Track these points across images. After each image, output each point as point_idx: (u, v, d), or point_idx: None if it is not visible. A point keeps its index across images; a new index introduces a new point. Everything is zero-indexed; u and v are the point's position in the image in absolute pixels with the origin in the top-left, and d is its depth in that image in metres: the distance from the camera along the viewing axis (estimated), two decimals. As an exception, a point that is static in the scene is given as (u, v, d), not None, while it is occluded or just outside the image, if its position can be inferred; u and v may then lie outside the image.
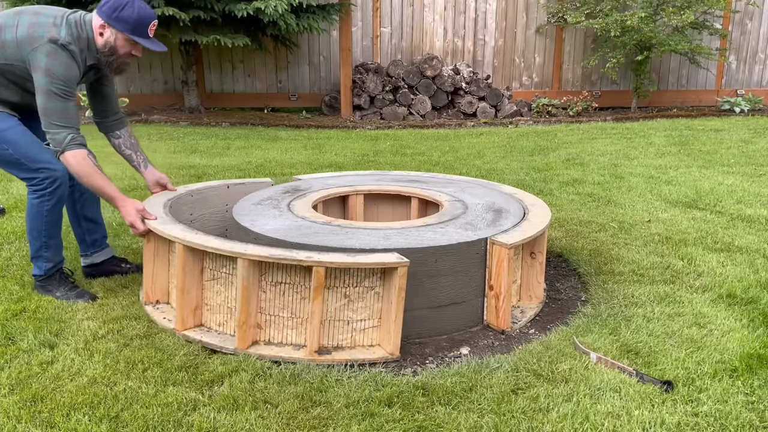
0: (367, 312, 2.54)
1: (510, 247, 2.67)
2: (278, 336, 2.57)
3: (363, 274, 2.49)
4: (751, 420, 2.10)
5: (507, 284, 2.70)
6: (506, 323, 2.76)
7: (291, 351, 2.50)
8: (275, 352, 2.49)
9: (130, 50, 2.84)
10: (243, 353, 2.48)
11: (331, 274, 2.47)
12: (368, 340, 2.56)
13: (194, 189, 3.47)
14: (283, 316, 2.54)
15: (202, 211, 3.48)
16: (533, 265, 3.00)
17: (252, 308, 2.52)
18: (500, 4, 9.47)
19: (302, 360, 2.44)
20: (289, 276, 2.49)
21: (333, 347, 2.54)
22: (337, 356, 2.47)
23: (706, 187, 5.06)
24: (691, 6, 8.60)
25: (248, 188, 3.65)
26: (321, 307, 2.45)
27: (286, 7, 7.54)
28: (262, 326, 2.57)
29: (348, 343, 2.55)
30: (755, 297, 3.00)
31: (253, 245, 2.56)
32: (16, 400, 2.19)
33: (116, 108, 3.24)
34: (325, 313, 2.50)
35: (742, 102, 9.28)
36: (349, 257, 2.44)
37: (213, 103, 9.32)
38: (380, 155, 6.49)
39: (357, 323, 2.54)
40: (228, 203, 3.60)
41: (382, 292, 2.50)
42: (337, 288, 2.49)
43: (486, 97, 8.98)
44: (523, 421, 2.09)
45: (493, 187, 3.63)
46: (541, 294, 3.04)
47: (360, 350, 2.52)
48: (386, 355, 2.50)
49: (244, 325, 2.51)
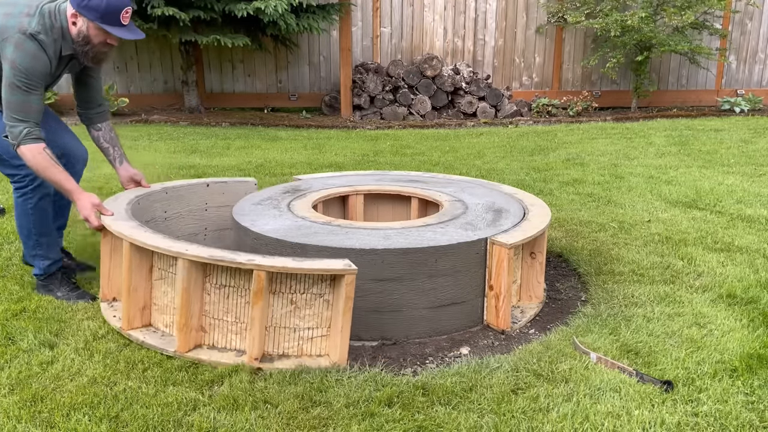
0: (315, 320, 2.46)
1: (510, 247, 2.66)
2: (222, 341, 2.52)
3: (311, 280, 2.41)
4: (751, 420, 2.10)
5: (507, 284, 2.70)
6: (506, 323, 2.76)
7: (233, 357, 2.45)
8: (215, 358, 2.44)
9: (104, 39, 2.78)
10: (182, 357, 2.45)
11: (276, 279, 2.40)
12: (316, 349, 2.48)
13: (169, 186, 3.45)
14: (228, 320, 2.49)
15: (177, 209, 3.46)
16: (533, 265, 2.99)
17: (194, 311, 2.47)
18: (500, 4, 9.47)
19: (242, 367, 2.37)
20: (233, 279, 2.43)
21: (279, 355, 2.47)
22: (279, 365, 2.40)
23: (706, 187, 5.06)
24: (691, 6, 8.60)
25: (229, 187, 3.63)
26: (262, 313, 2.38)
27: (286, 7, 7.53)
28: (207, 330, 2.52)
29: (295, 351, 2.48)
30: (755, 297, 3.00)
31: (196, 245, 2.50)
32: (16, 400, 2.19)
33: (101, 100, 3.22)
34: (270, 320, 2.44)
35: (742, 102, 9.28)
36: (294, 262, 2.36)
37: (213, 103, 9.32)
38: (380, 155, 6.48)
39: (304, 331, 2.46)
40: (207, 202, 3.59)
41: (332, 300, 2.43)
42: (283, 293, 2.42)
43: (486, 97, 8.98)
44: (523, 421, 2.09)
45: (493, 187, 3.63)
46: (541, 294, 3.04)
47: (306, 359, 2.45)
48: (330, 365, 2.42)
49: (184, 328, 2.46)
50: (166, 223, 3.38)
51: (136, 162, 5.93)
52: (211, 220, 3.60)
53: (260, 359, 2.42)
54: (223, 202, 3.62)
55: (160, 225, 3.33)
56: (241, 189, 3.65)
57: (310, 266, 2.34)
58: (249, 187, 3.67)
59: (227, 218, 3.55)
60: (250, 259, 2.35)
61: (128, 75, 9.12)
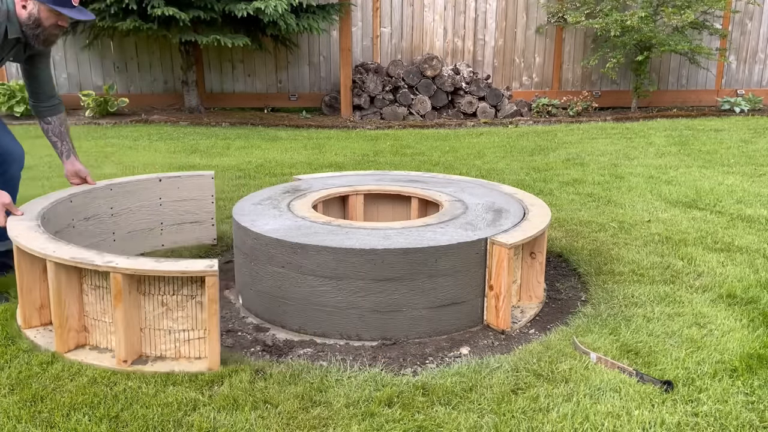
0: (189, 322, 2.44)
1: (510, 247, 2.66)
2: (104, 341, 2.52)
3: (180, 281, 2.39)
4: (751, 420, 2.10)
5: (507, 284, 2.70)
6: (506, 323, 2.76)
7: (110, 358, 2.44)
8: (91, 359, 2.44)
9: (55, 21, 2.82)
10: (61, 357, 2.45)
11: (145, 281, 2.39)
12: (195, 351, 2.46)
13: (115, 183, 3.47)
14: (106, 321, 2.49)
15: (127, 205, 3.49)
16: (533, 265, 2.99)
17: (70, 312, 2.47)
18: (500, 4, 9.47)
19: (113, 369, 2.37)
20: (105, 280, 2.42)
21: (155, 357, 2.46)
22: (150, 367, 2.39)
23: (706, 187, 5.06)
24: (691, 6, 8.60)
25: (183, 181, 3.64)
26: (125, 315, 2.36)
27: (286, 7, 7.53)
28: (89, 330, 2.53)
29: (172, 353, 2.46)
30: (755, 297, 3.00)
31: (66, 246, 2.50)
32: (16, 400, 2.19)
33: (51, 93, 3.23)
34: (143, 321, 2.44)
35: (742, 102, 9.28)
36: (153, 263, 2.34)
37: (213, 103, 9.31)
38: (380, 155, 6.48)
39: (179, 333, 2.45)
40: (162, 197, 3.62)
41: (206, 302, 2.38)
42: (153, 295, 2.41)
43: (486, 97, 8.98)
44: (523, 421, 2.09)
45: (493, 187, 3.63)
46: (541, 294, 3.04)
47: (183, 362, 2.43)
48: (204, 369, 2.39)
49: (60, 329, 2.46)
50: (113, 219, 3.42)
51: (136, 162, 5.95)
52: (167, 215, 3.65)
53: (133, 361, 2.42)
54: (180, 197, 3.66)
55: (106, 221, 3.38)
56: (197, 183, 3.68)
57: (168, 268, 2.31)
58: (205, 180, 3.68)
59: (185, 212, 3.65)
60: (107, 262, 2.34)
61: (128, 75, 9.12)
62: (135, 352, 2.44)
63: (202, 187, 3.75)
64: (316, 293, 2.67)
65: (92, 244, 3.27)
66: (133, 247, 3.55)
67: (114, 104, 8.52)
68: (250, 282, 2.89)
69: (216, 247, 3.79)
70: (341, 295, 2.65)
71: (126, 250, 3.47)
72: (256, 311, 2.91)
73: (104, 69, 9.04)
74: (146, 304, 2.42)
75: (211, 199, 3.78)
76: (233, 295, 3.15)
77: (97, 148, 6.56)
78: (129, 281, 2.34)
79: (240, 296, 3.04)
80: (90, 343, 2.55)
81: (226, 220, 4.19)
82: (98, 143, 6.81)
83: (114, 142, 6.91)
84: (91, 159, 6.05)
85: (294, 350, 2.61)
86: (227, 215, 4.28)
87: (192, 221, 3.74)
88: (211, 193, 3.78)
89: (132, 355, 2.42)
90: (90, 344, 2.55)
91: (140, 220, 3.55)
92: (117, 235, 3.49)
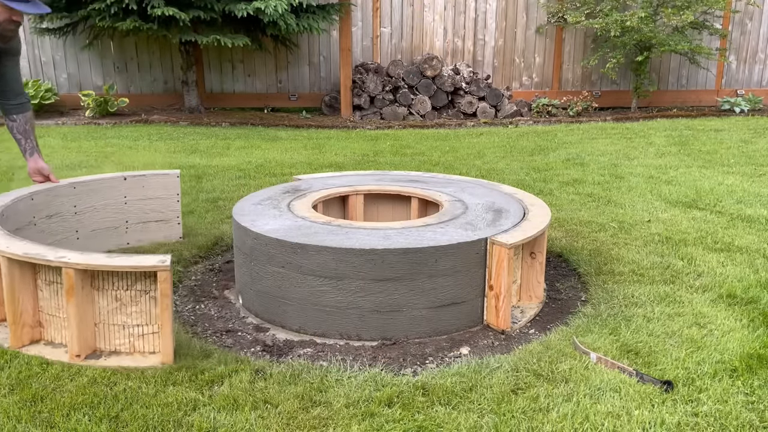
0: (144, 317, 2.45)
1: (510, 247, 2.66)
2: (58, 336, 2.53)
3: (134, 276, 2.39)
4: (751, 420, 2.10)
5: (507, 284, 2.70)
6: (506, 323, 2.76)
7: (63, 353, 2.45)
8: (46, 353, 2.45)
9: (9, 16, 2.81)
10: (15, 352, 2.46)
11: (99, 276, 2.40)
12: (150, 346, 2.47)
13: (79, 182, 3.49)
14: (60, 317, 2.50)
15: (90, 203, 3.52)
16: (533, 265, 2.99)
17: (24, 307, 2.48)
18: (500, 4, 9.47)
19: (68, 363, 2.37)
20: (59, 276, 2.42)
21: (110, 351, 2.47)
22: (103, 362, 2.40)
23: (706, 187, 5.06)
24: (690, 6, 8.60)
25: (149, 180, 3.66)
26: (77, 310, 2.37)
27: (286, 7, 7.53)
28: (44, 325, 2.54)
29: (127, 348, 2.48)
30: (755, 297, 3.00)
31: (20, 242, 2.50)
32: (16, 400, 2.19)
33: (18, 90, 3.24)
34: (97, 316, 2.45)
35: (742, 102, 9.28)
36: (105, 259, 2.34)
37: (213, 103, 9.31)
38: (380, 155, 6.48)
39: (134, 328, 2.46)
40: (127, 195, 3.65)
41: (158, 297, 2.40)
42: (107, 290, 2.42)
43: (486, 97, 8.98)
44: (523, 421, 2.09)
45: (493, 187, 3.63)
46: (541, 294, 3.04)
47: (137, 357, 2.45)
48: (157, 363, 2.40)
49: (14, 325, 2.47)
50: (77, 217, 3.45)
51: (136, 162, 5.95)
52: (132, 213, 3.69)
53: (87, 356, 2.43)
54: (146, 195, 3.70)
55: (69, 220, 3.40)
56: (162, 182, 3.71)
57: (121, 263, 2.33)
58: (170, 179, 3.70)
59: (150, 211, 3.69)
60: (59, 257, 2.35)
61: (128, 75, 9.12)
62: (89, 347, 2.46)
63: (168, 186, 3.78)
64: (316, 293, 2.67)
65: (55, 242, 3.30)
66: (97, 246, 3.58)
67: (114, 104, 8.52)
68: (250, 282, 2.89)
69: (216, 246, 3.79)
70: (341, 295, 2.65)
71: (90, 248, 3.49)
72: (256, 311, 2.91)
73: (104, 69, 9.04)
74: (100, 300, 2.43)
75: (177, 197, 3.82)
76: (233, 295, 3.15)
77: (97, 148, 6.56)
78: (82, 276, 2.36)
79: (240, 296, 3.04)
80: (45, 339, 2.56)
81: (226, 220, 4.19)
82: (98, 143, 6.80)
83: (114, 142, 6.91)
84: (90, 159, 6.05)
85: (294, 350, 2.61)
86: (227, 215, 4.28)
87: (158, 219, 3.78)
88: (176, 191, 3.81)
89: (86, 350, 2.44)
90: (45, 339, 2.56)
91: (105, 219, 3.60)
92: (81, 233, 3.51)
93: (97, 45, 8.79)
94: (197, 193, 4.87)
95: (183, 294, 3.18)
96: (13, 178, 5.25)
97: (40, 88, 8.34)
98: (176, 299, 3.12)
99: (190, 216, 4.29)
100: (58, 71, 8.94)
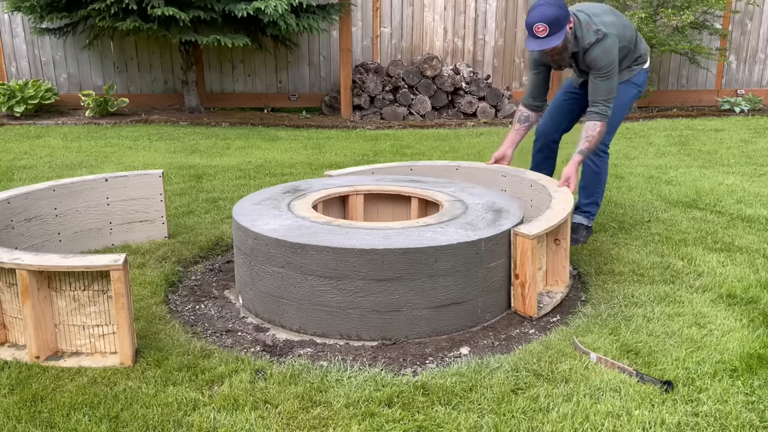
0: (103, 317, 2.45)
1: (533, 238, 2.76)
2: (22, 338, 2.53)
3: (90, 276, 2.39)
4: (751, 420, 2.10)
5: (532, 272, 2.80)
6: (533, 309, 2.85)
7: (26, 355, 2.45)
8: (8, 356, 2.45)
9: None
10: None
11: (56, 277, 2.39)
12: (110, 346, 2.47)
13: (59, 184, 3.49)
14: (22, 319, 2.49)
15: (72, 206, 3.53)
16: (558, 252, 3.11)
17: None
18: (500, 4, 9.47)
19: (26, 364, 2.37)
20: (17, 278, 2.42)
21: (71, 352, 2.48)
22: (63, 363, 2.40)
23: (706, 187, 5.06)
24: (690, 6, 8.60)
25: (131, 181, 3.66)
26: (33, 312, 2.37)
27: (286, 7, 7.53)
28: (8, 328, 2.54)
29: (88, 349, 2.48)
30: (755, 297, 3.00)
31: None
32: (16, 400, 2.19)
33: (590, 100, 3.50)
34: (57, 317, 2.45)
35: (742, 102, 9.28)
36: (59, 259, 2.34)
37: (213, 103, 9.31)
38: (380, 155, 6.49)
39: (94, 328, 2.46)
40: (109, 196, 3.65)
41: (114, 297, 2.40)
42: (64, 291, 2.42)
43: (486, 97, 8.98)
44: (523, 421, 2.09)
45: (492, 187, 3.64)
46: (566, 278, 3.16)
47: (97, 357, 2.45)
48: (116, 363, 2.40)
49: None
50: (58, 219, 3.46)
51: (136, 162, 5.95)
52: (115, 215, 3.70)
53: (47, 357, 2.43)
54: (128, 196, 3.70)
55: (50, 222, 3.41)
56: (145, 182, 3.71)
57: (74, 263, 2.32)
58: (153, 179, 3.71)
59: (134, 212, 3.71)
60: (13, 259, 2.34)
61: (128, 75, 9.12)
62: (49, 349, 2.46)
63: (151, 186, 3.79)
64: (316, 293, 2.67)
65: (35, 245, 3.31)
66: (81, 247, 3.59)
67: (114, 104, 8.52)
68: (250, 282, 2.89)
69: (216, 246, 3.79)
70: (341, 295, 2.65)
71: (72, 250, 3.51)
72: (256, 311, 2.91)
73: (104, 69, 9.04)
74: (59, 300, 2.43)
75: (161, 197, 3.83)
76: (233, 295, 3.15)
77: (97, 148, 6.56)
78: (37, 278, 2.35)
79: (240, 296, 3.04)
80: (9, 341, 2.57)
81: (226, 220, 4.19)
82: (98, 143, 6.80)
83: (114, 142, 6.91)
84: (90, 159, 6.05)
85: (294, 350, 2.61)
86: (227, 215, 4.28)
87: (142, 220, 3.78)
88: (160, 191, 3.82)
89: (45, 351, 2.44)
90: (9, 342, 2.57)
91: (87, 221, 3.60)
92: (63, 235, 3.51)
93: (97, 45, 8.79)
94: (197, 193, 4.87)
95: (183, 294, 3.18)
96: (14, 178, 5.26)
97: (40, 88, 8.34)
98: (176, 299, 3.12)
99: (190, 216, 4.29)
100: (58, 71, 8.94)
